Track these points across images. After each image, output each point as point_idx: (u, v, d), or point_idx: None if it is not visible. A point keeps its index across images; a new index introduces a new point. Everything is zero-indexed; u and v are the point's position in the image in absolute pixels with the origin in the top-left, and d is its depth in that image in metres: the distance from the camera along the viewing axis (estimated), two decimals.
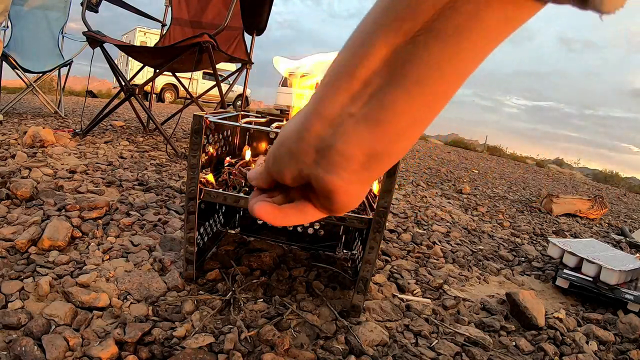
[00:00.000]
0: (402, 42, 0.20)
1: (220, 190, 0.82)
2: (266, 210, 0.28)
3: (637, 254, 1.63)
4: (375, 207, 0.78)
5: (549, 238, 1.72)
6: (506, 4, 0.19)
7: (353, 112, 0.22)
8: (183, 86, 2.94)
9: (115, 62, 2.36)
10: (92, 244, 1.00)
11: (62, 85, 3.43)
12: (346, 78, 0.22)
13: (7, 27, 3.17)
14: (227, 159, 1.04)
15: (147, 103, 3.01)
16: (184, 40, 2.08)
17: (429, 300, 1.02)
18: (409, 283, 1.09)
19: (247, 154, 1.04)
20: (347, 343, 0.77)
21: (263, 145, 1.14)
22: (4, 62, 2.90)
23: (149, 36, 11.01)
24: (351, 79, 0.22)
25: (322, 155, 0.24)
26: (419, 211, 2.00)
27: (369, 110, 0.22)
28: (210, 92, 3.25)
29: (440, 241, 1.55)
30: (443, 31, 0.19)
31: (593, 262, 1.26)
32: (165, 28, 2.99)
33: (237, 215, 1.20)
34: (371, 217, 0.79)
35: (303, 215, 0.28)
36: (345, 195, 0.25)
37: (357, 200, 0.26)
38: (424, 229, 1.70)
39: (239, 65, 2.76)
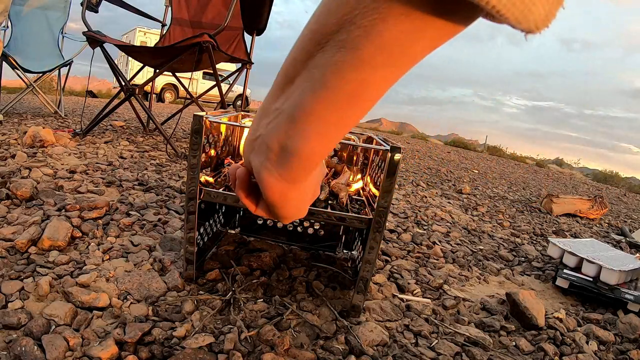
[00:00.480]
0: (315, 50, 0.23)
1: (220, 190, 0.82)
2: (238, 174, 0.31)
3: (637, 254, 1.63)
4: (375, 207, 0.78)
5: (549, 238, 1.71)
6: (402, 21, 0.20)
7: (279, 107, 0.25)
8: (183, 86, 2.94)
9: (115, 62, 2.36)
10: (92, 244, 1.00)
11: (62, 85, 3.43)
12: (283, 79, 0.25)
13: (7, 27, 3.17)
14: (227, 159, 1.04)
15: (147, 103, 3.01)
16: (184, 40, 2.08)
17: (429, 300, 1.02)
18: (409, 283, 1.09)
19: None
20: (347, 343, 0.77)
21: None
22: (4, 62, 2.90)
23: (149, 36, 11.00)
24: (285, 79, 0.25)
25: (257, 143, 0.27)
26: (419, 211, 2.00)
27: (288, 106, 0.24)
28: (210, 92, 3.25)
29: (440, 241, 1.55)
30: (344, 42, 0.21)
31: (593, 262, 1.26)
32: (165, 28, 2.99)
33: (237, 215, 1.20)
34: (371, 217, 0.79)
35: (252, 204, 0.32)
36: (271, 190, 0.27)
37: (285, 201, 0.28)
38: (424, 229, 1.70)
39: (239, 65, 2.76)
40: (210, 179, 0.86)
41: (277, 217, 0.30)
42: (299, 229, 1.18)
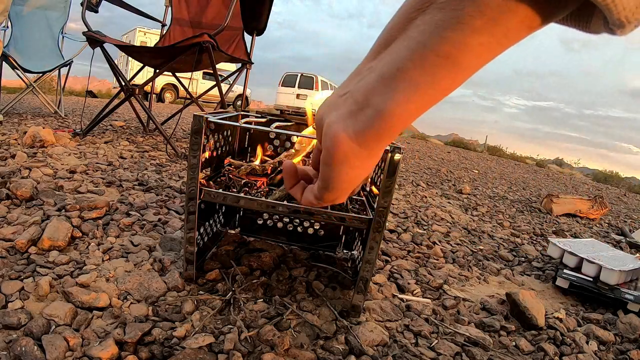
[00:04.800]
0: (416, 15, 0.23)
1: (220, 190, 0.82)
2: (290, 166, 0.35)
3: (637, 254, 1.63)
4: (375, 207, 0.78)
5: (549, 238, 1.71)
6: None
7: (372, 66, 0.26)
8: (183, 86, 2.94)
9: (115, 62, 2.36)
10: (92, 244, 1.00)
11: (62, 85, 3.43)
12: (379, 44, 0.26)
13: (7, 27, 3.17)
14: (227, 159, 1.04)
15: (147, 103, 3.01)
16: (184, 40, 2.08)
17: (429, 300, 1.02)
18: (409, 283, 1.09)
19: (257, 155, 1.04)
20: (347, 343, 0.77)
21: (263, 145, 1.14)
22: (4, 62, 2.90)
23: (149, 36, 11.00)
24: (381, 44, 0.26)
25: (342, 99, 0.27)
26: (419, 211, 2.00)
27: (382, 65, 0.25)
28: (210, 92, 3.25)
29: (440, 241, 1.55)
30: (445, 3, 0.22)
31: (593, 262, 1.26)
32: (165, 28, 2.99)
33: (237, 215, 1.20)
34: (371, 217, 0.79)
35: (303, 197, 0.34)
36: (338, 146, 0.27)
37: (345, 163, 0.28)
38: (424, 229, 1.70)
39: (239, 65, 2.76)
40: (211, 180, 0.86)
41: (327, 186, 0.30)
42: (299, 229, 1.18)
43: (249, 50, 2.78)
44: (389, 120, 0.25)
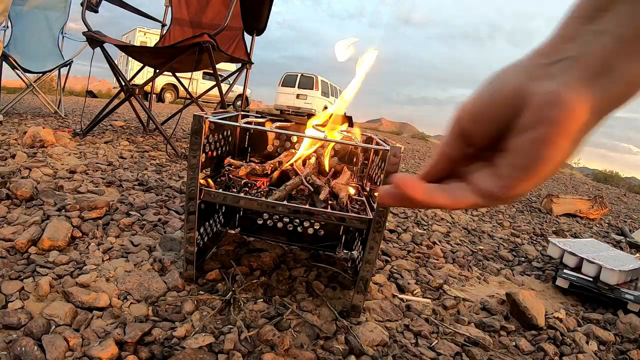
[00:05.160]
0: None
1: (220, 191, 0.82)
2: (406, 180, 0.29)
3: (637, 254, 1.63)
4: (375, 207, 0.78)
5: (549, 238, 1.72)
6: None
7: (599, 29, 0.24)
8: (183, 86, 2.94)
9: (115, 62, 2.36)
10: (92, 244, 1.00)
11: (62, 85, 3.43)
12: (589, 7, 0.25)
13: (7, 27, 3.17)
14: (227, 159, 1.04)
15: (147, 103, 3.01)
16: (184, 40, 2.08)
17: (429, 300, 1.02)
18: (409, 283, 1.09)
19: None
20: (347, 343, 0.77)
21: (264, 145, 1.14)
22: (4, 62, 2.90)
23: (149, 36, 10.99)
24: (594, 8, 0.25)
25: (555, 67, 0.25)
26: (419, 211, 2.00)
27: (616, 27, 0.23)
28: (210, 92, 3.25)
29: (440, 241, 1.55)
30: None
31: (593, 262, 1.26)
32: (165, 28, 2.99)
33: (237, 215, 1.19)
34: (371, 217, 0.79)
35: (452, 198, 0.28)
36: (574, 111, 0.24)
37: (579, 128, 0.24)
38: (424, 229, 1.70)
39: (239, 65, 2.76)
40: (210, 180, 0.86)
41: (530, 172, 0.25)
42: (299, 229, 1.18)
43: (249, 50, 2.78)
44: (623, 95, 0.24)
